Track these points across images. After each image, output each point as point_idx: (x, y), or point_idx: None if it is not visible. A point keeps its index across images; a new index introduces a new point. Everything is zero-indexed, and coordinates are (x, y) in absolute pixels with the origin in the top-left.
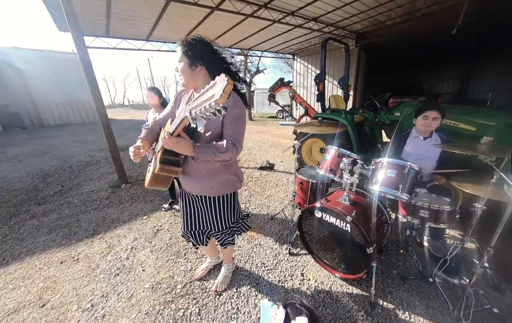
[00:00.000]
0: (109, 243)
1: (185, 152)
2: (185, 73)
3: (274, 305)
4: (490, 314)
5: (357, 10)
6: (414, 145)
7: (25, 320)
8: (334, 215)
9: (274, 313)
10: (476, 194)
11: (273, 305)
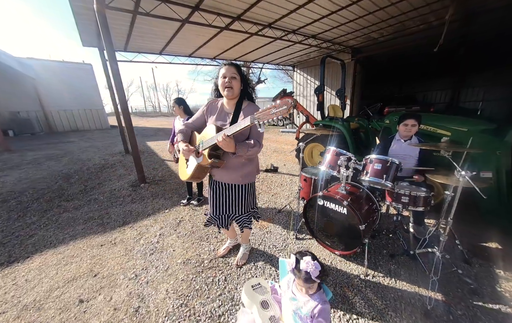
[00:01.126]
0: (139, 231)
1: (230, 149)
2: (236, 85)
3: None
4: (455, 275)
5: (352, 28)
6: (397, 147)
7: (84, 285)
8: (333, 201)
9: (288, 262)
10: (445, 183)
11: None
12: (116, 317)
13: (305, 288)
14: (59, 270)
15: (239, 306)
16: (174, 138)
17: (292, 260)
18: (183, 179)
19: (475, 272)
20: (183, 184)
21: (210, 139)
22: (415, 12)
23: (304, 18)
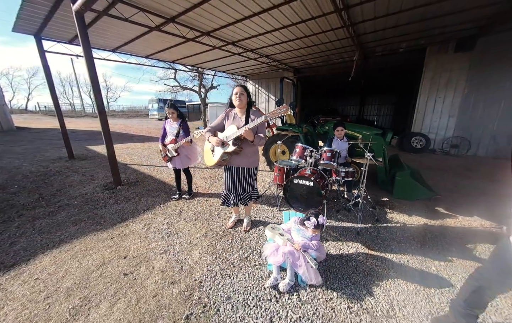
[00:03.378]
0: (144, 223)
1: (250, 138)
2: (244, 99)
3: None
4: (368, 213)
5: (294, 54)
6: (335, 144)
7: (119, 264)
8: (304, 179)
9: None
10: (361, 162)
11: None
12: (167, 275)
13: (313, 232)
14: (82, 261)
15: (257, 252)
16: (164, 139)
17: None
18: (210, 165)
19: (377, 212)
20: (165, 184)
21: (233, 133)
22: (336, 51)
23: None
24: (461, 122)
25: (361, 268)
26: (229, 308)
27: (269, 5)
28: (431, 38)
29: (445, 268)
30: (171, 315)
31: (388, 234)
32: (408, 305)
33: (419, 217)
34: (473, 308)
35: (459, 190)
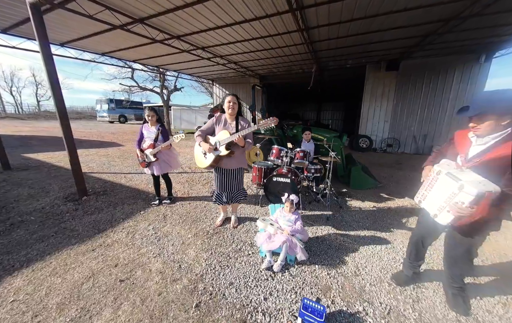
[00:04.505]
0: (127, 231)
1: (241, 143)
2: (235, 108)
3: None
4: (334, 202)
5: (259, 63)
6: (304, 145)
7: (111, 273)
8: (282, 176)
9: (283, 198)
10: (326, 160)
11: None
12: (167, 275)
13: (290, 207)
14: (65, 276)
15: (249, 243)
16: (141, 144)
17: (289, 196)
18: (202, 167)
19: (340, 200)
20: (140, 190)
21: (226, 138)
22: (297, 62)
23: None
24: (393, 126)
25: (333, 244)
26: (233, 292)
27: (241, 19)
28: (369, 58)
29: (389, 236)
30: (181, 306)
31: (350, 216)
32: (368, 265)
33: (370, 202)
34: (414, 261)
35: (394, 179)
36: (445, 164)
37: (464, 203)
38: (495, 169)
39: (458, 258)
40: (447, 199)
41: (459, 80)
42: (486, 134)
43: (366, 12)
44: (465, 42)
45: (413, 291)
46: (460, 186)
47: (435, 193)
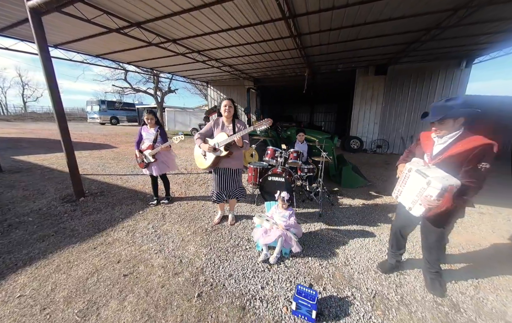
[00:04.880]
0: (127, 230)
1: (240, 144)
2: (231, 111)
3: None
4: (326, 200)
5: (253, 66)
6: (298, 146)
7: (114, 268)
8: (277, 176)
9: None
10: (318, 160)
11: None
12: (168, 269)
13: (282, 204)
14: (69, 272)
15: (246, 239)
16: (139, 145)
17: (281, 194)
18: (202, 168)
19: (332, 198)
20: (137, 191)
21: (224, 140)
22: (290, 66)
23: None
24: (382, 128)
25: (325, 238)
26: (232, 282)
27: (236, 25)
28: (358, 63)
29: (376, 230)
30: (184, 296)
31: (341, 213)
32: (356, 256)
33: (359, 199)
34: (396, 250)
35: (382, 178)
36: (415, 162)
37: (432, 196)
38: (454, 164)
39: (432, 245)
40: (418, 193)
41: (442, 84)
42: (444, 134)
43: (354, 21)
44: (447, 49)
45: (396, 277)
46: (428, 182)
47: (408, 189)
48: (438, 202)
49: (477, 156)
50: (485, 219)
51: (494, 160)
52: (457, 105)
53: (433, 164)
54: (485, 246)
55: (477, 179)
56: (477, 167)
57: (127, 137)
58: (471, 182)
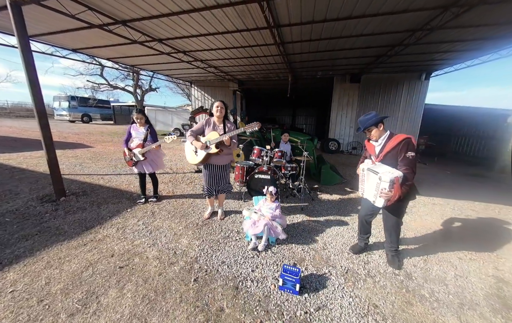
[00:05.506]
0: (116, 227)
1: (228, 144)
2: (223, 112)
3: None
4: (307, 196)
5: (238, 69)
6: (282, 146)
7: (109, 262)
8: (263, 173)
9: (265, 190)
10: (300, 159)
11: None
12: (164, 260)
13: (270, 198)
14: (62, 267)
15: (236, 231)
16: (128, 143)
17: (268, 188)
18: (193, 163)
19: (312, 194)
20: (122, 190)
21: (215, 139)
22: (274, 71)
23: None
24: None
25: (306, 229)
26: (225, 268)
27: (223, 30)
28: (336, 71)
29: (349, 220)
30: (181, 282)
31: (320, 207)
32: (333, 241)
33: (336, 195)
34: (363, 234)
35: (356, 176)
36: (366, 163)
37: (386, 189)
38: (391, 158)
39: (391, 227)
40: (376, 188)
41: (406, 93)
42: (377, 138)
43: (331, 34)
44: (409, 63)
45: (364, 257)
46: (379, 177)
47: (368, 186)
48: (391, 193)
49: (403, 147)
50: (436, 208)
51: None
52: (371, 117)
53: (378, 161)
54: (435, 229)
55: (409, 165)
56: (406, 156)
57: (103, 137)
58: (406, 169)
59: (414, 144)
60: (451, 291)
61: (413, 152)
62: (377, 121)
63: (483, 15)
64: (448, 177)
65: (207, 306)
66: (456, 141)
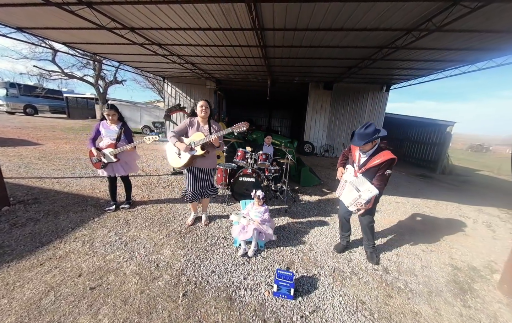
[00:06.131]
0: (82, 240)
1: (217, 144)
2: (208, 112)
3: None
4: (289, 197)
5: (217, 67)
6: (265, 148)
7: (77, 283)
8: (248, 176)
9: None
10: (283, 161)
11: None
12: (145, 275)
13: (258, 202)
14: (11, 295)
15: (223, 237)
16: (95, 143)
17: (256, 193)
18: (177, 167)
19: (294, 195)
20: (85, 196)
21: (200, 140)
22: (253, 72)
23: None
24: (328, 135)
25: (292, 230)
26: (216, 278)
27: (206, 26)
28: (311, 77)
29: (330, 220)
30: (168, 298)
31: (302, 208)
32: (318, 242)
33: (316, 196)
34: (344, 232)
35: (331, 177)
36: (349, 172)
37: (362, 203)
38: (372, 172)
39: (366, 227)
40: (353, 200)
41: (371, 102)
42: (367, 150)
43: (311, 43)
44: (374, 76)
45: (347, 255)
46: (360, 195)
47: (346, 194)
48: (365, 206)
49: (385, 166)
50: (399, 206)
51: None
52: (371, 132)
53: (360, 173)
54: (400, 225)
55: (384, 181)
56: (385, 173)
57: (54, 132)
58: (381, 185)
59: (394, 164)
60: (420, 281)
61: (390, 170)
62: (378, 138)
63: (436, 40)
64: (403, 177)
65: (201, 322)
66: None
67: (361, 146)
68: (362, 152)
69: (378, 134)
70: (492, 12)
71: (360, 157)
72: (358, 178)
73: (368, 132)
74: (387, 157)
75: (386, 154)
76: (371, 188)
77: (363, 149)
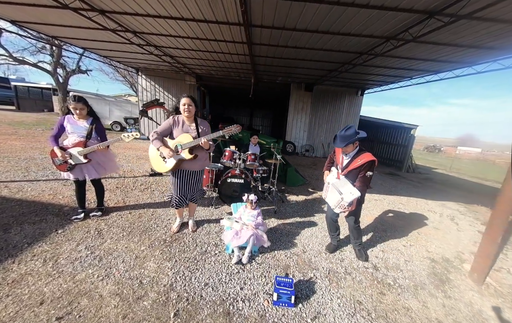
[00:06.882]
0: (43, 258)
1: (206, 147)
2: (192, 110)
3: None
4: (278, 198)
5: (198, 62)
6: (251, 148)
7: (39, 314)
8: (236, 177)
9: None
10: (270, 161)
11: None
12: (127, 295)
13: (251, 206)
14: None
15: (213, 244)
16: (58, 141)
17: (249, 197)
18: (164, 172)
19: (282, 196)
20: (43, 203)
21: (189, 142)
22: (236, 70)
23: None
24: (309, 135)
25: (283, 233)
26: (210, 291)
27: (189, 17)
28: (294, 78)
29: (319, 219)
30: (157, 320)
31: (291, 209)
32: (310, 243)
33: (302, 196)
34: (334, 233)
35: (314, 177)
36: (332, 175)
37: (345, 205)
38: (354, 174)
39: (352, 227)
40: (337, 202)
41: (347, 104)
42: (349, 152)
43: (297, 44)
44: (351, 80)
45: (339, 254)
46: (342, 198)
47: (330, 196)
48: (349, 208)
49: (366, 168)
50: (378, 203)
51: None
52: (352, 134)
53: (342, 175)
54: (382, 222)
55: (366, 183)
56: (366, 175)
57: (0, 127)
58: (362, 186)
59: (375, 166)
60: (406, 275)
61: (371, 172)
62: (359, 139)
63: (410, 50)
64: (376, 176)
65: None
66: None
67: (342, 148)
68: (345, 154)
69: (358, 136)
70: (460, 28)
71: (343, 159)
72: (340, 180)
73: (348, 134)
74: (368, 159)
75: (367, 156)
76: (353, 190)
77: (345, 151)
